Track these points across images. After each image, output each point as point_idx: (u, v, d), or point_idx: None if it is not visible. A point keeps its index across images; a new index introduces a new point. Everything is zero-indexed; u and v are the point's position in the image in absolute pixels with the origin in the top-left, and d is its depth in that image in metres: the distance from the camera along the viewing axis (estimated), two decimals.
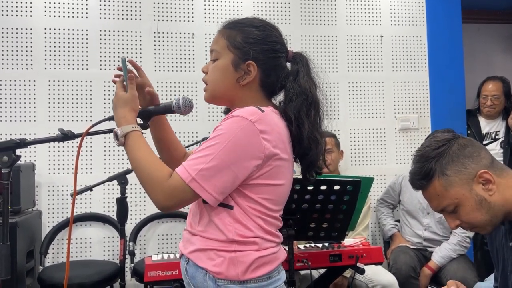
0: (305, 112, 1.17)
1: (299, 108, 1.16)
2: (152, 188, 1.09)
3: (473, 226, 1.24)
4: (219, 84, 1.20)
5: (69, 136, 1.25)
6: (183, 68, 3.07)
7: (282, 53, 1.21)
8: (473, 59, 3.97)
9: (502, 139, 3.37)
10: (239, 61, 1.18)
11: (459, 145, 1.24)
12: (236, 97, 1.20)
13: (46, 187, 2.88)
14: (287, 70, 1.21)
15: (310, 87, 1.19)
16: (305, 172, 1.23)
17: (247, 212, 1.11)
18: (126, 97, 1.19)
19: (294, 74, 1.20)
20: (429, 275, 2.72)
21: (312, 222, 1.90)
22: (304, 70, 1.20)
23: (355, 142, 3.28)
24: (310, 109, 1.18)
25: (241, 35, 1.19)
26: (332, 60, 3.28)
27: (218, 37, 1.22)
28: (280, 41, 1.22)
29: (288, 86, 1.18)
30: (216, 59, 1.21)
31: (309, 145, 1.17)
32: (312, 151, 1.18)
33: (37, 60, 2.91)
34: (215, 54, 1.21)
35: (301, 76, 1.19)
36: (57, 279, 2.46)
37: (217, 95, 1.22)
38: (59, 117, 2.92)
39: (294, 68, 1.21)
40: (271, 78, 1.20)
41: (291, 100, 1.17)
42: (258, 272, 1.11)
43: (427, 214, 2.86)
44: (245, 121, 1.07)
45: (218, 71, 1.20)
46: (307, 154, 1.18)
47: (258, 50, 1.18)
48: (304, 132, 1.16)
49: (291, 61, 1.22)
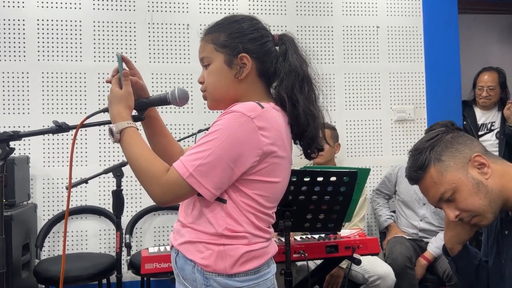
0: (298, 89, 1.16)
1: (291, 86, 1.16)
2: (149, 184, 1.09)
3: (473, 214, 1.24)
4: (219, 86, 1.19)
5: (64, 128, 1.23)
6: (178, 59, 3.05)
7: (268, 37, 1.21)
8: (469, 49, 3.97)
9: (498, 130, 3.38)
10: (231, 58, 1.17)
11: (452, 135, 1.28)
12: (238, 94, 1.19)
13: (41, 180, 2.86)
14: (276, 53, 1.21)
15: (301, 64, 1.19)
16: (307, 151, 1.22)
17: (239, 207, 1.11)
18: (121, 94, 1.19)
19: (283, 54, 1.20)
20: (424, 265, 2.74)
21: (309, 213, 1.90)
22: (292, 48, 1.20)
23: (351, 134, 3.28)
24: (303, 85, 1.18)
25: (224, 33, 1.19)
26: (328, 51, 3.26)
27: (203, 45, 1.22)
28: (263, 27, 1.23)
29: (278, 67, 1.18)
30: (208, 65, 1.20)
31: (307, 121, 1.16)
32: (310, 126, 1.17)
33: (30, 52, 2.88)
34: (206, 60, 1.20)
35: (290, 54, 1.19)
36: (53, 272, 2.46)
37: (219, 98, 1.21)
38: (53, 109, 2.89)
39: (283, 48, 1.21)
40: (266, 64, 1.19)
41: (282, 80, 1.17)
42: (247, 266, 1.11)
43: (423, 205, 2.87)
44: (244, 117, 1.07)
45: (214, 75, 1.19)
46: (305, 131, 1.17)
47: (246, 41, 1.18)
48: (299, 108, 1.15)
49: (279, 44, 1.22)
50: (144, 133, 1.33)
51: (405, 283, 2.63)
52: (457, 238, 1.35)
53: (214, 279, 1.10)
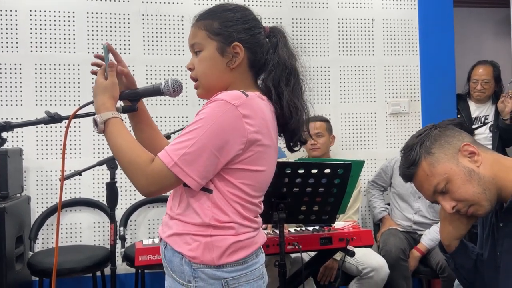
0: (284, 82, 1.17)
1: (278, 78, 1.17)
2: (134, 174, 1.08)
3: (469, 203, 1.25)
4: (210, 74, 1.19)
5: (56, 118, 1.23)
6: (172, 51, 3.03)
7: (259, 29, 1.22)
8: (464, 43, 3.97)
9: (492, 123, 3.40)
10: (224, 46, 1.17)
11: (440, 129, 1.31)
12: (227, 83, 1.19)
13: (34, 172, 2.85)
14: (267, 45, 1.21)
15: (289, 57, 1.20)
16: (289, 143, 1.23)
17: (226, 197, 1.11)
18: (106, 84, 1.19)
19: (273, 47, 1.20)
20: (418, 257, 2.76)
21: (303, 206, 1.90)
22: (282, 41, 1.21)
23: (346, 127, 3.28)
24: (290, 78, 1.18)
25: (217, 21, 1.18)
26: (323, 44, 3.25)
27: (195, 31, 1.21)
28: (256, 19, 1.23)
29: (267, 59, 1.19)
30: (199, 51, 1.19)
31: (290, 113, 1.17)
32: (293, 118, 1.17)
33: (23, 43, 2.85)
34: (197, 46, 1.20)
35: (280, 47, 1.20)
36: (47, 264, 2.45)
37: (211, 87, 1.20)
38: (46, 101, 2.87)
39: (274, 40, 1.21)
40: (258, 55, 1.19)
41: (270, 72, 1.18)
42: (234, 256, 1.11)
43: (418, 198, 2.89)
44: (228, 105, 1.06)
45: (205, 62, 1.19)
46: (287, 123, 1.18)
47: (239, 31, 1.17)
48: (283, 100, 1.16)
49: (269, 36, 1.22)
50: (131, 125, 1.32)
51: (399, 275, 2.65)
52: (455, 233, 1.35)
53: (202, 271, 1.10)
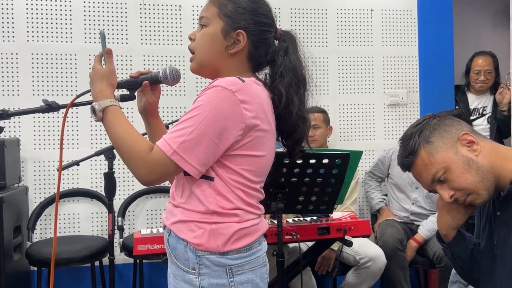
0: (294, 89, 1.17)
1: (289, 85, 1.16)
2: (133, 163, 1.08)
3: (467, 192, 1.25)
4: (207, 50, 1.19)
5: (54, 107, 1.22)
6: (170, 41, 3.01)
7: (271, 27, 1.21)
8: (462, 33, 3.96)
9: (489, 114, 3.40)
10: (229, 29, 1.17)
11: (439, 118, 1.31)
12: (222, 66, 1.19)
13: (32, 163, 2.84)
14: (275, 46, 1.21)
15: (299, 64, 1.20)
16: (290, 150, 1.23)
17: (227, 184, 1.11)
18: (103, 71, 1.18)
19: (284, 49, 1.20)
20: (415, 247, 2.77)
21: (301, 196, 1.90)
22: (292, 47, 1.21)
23: (344, 118, 3.28)
24: (300, 87, 1.18)
25: (232, 4, 1.18)
26: (322, 34, 3.24)
27: (208, 5, 1.21)
28: (270, 16, 1.22)
29: (279, 61, 1.18)
30: (205, 25, 1.20)
31: (297, 122, 1.17)
32: (300, 128, 1.18)
33: (19, 33, 2.83)
34: (205, 20, 1.20)
35: (291, 53, 1.19)
36: (45, 254, 2.45)
37: (204, 63, 1.20)
38: (44, 91, 2.85)
39: (284, 45, 1.21)
40: (259, 50, 1.19)
41: (283, 76, 1.17)
42: (239, 243, 1.11)
43: (416, 189, 2.90)
44: (225, 91, 1.06)
45: (207, 38, 1.19)
46: (294, 131, 1.18)
47: (248, 21, 1.17)
48: (293, 109, 1.16)
49: (279, 39, 1.22)
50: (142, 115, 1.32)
51: (396, 265, 2.67)
52: (452, 222, 1.35)
53: (206, 258, 1.10)
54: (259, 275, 1.15)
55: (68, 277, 2.84)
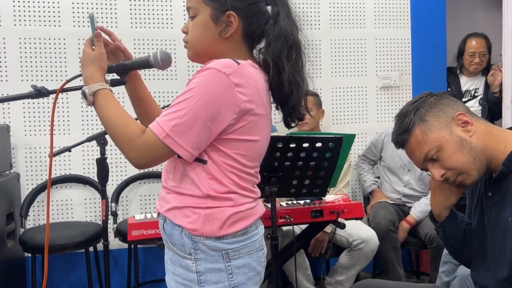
0: (285, 55, 1.13)
1: (278, 52, 1.13)
2: (125, 146, 1.07)
3: (458, 172, 1.26)
4: (201, 41, 1.16)
5: (43, 92, 1.20)
6: (161, 24, 2.97)
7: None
8: (454, 16, 3.95)
9: (481, 96, 3.41)
10: (218, 13, 1.14)
11: (435, 97, 1.31)
12: (219, 51, 1.15)
13: (23, 149, 2.81)
14: (268, 14, 1.17)
15: (291, 28, 1.16)
16: (286, 118, 1.21)
17: (221, 168, 1.10)
18: (93, 55, 1.16)
19: (274, 17, 1.16)
20: (407, 228, 2.81)
21: (294, 179, 1.91)
22: (284, 11, 1.17)
23: (337, 100, 3.28)
24: (291, 52, 1.14)
25: None
26: (314, 16, 3.21)
27: None
28: None
29: (267, 30, 1.15)
30: (194, 16, 1.17)
31: (290, 89, 1.14)
32: (293, 95, 1.15)
33: (6, 17, 2.77)
34: (192, 11, 1.17)
35: (281, 18, 1.15)
36: (39, 240, 2.45)
37: (200, 52, 1.18)
38: (32, 76, 2.81)
39: (275, 10, 1.17)
40: (253, 25, 1.16)
41: (270, 44, 1.14)
42: (234, 227, 1.11)
43: (408, 171, 2.92)
44: (219, 74, 1.04)
45: (198, 28, 1.16)
46: (288, 99, 1.15)
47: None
48: (284, 75, 1.12)
49: (271, 4, 1.18)
50: (129, 98, 1.30)
51: (388, 246, 2.70)
52: (445, 202, 1.36)
53: (202, 243, 1.10)
54: (256, 259, 1.15)
55: (62, 263, 2.84)
